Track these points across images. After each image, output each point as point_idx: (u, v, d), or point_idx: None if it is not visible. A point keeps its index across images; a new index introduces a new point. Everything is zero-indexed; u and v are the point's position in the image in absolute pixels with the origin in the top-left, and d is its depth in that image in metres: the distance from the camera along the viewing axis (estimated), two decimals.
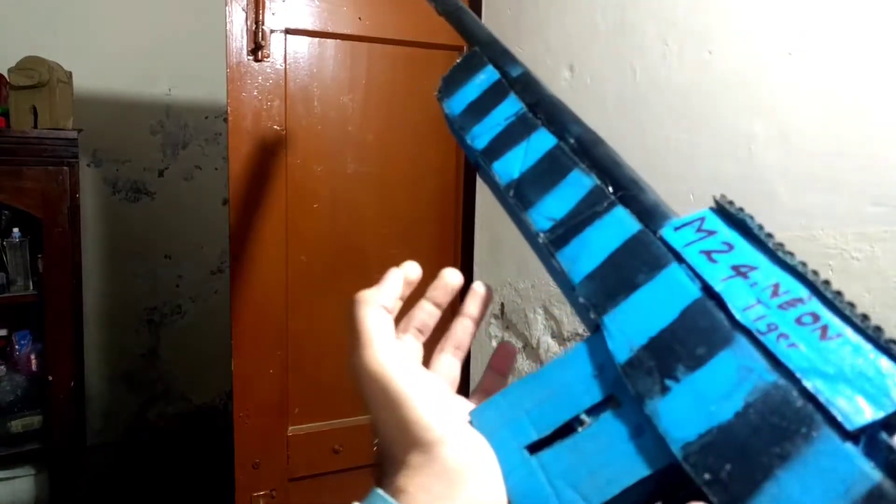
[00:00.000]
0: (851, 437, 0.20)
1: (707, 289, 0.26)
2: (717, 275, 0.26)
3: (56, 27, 1.92)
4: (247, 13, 1.10)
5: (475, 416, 0.30)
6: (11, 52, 1.58)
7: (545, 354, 1.04)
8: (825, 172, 0.58)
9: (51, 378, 1.57)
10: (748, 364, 0.23)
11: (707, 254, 0.27)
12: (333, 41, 1.19)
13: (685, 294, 0.26)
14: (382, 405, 0.30)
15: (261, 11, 1.10)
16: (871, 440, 0.20)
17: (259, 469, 1.21)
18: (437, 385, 0.33)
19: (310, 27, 1.16)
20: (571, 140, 0.35)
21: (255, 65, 1.12)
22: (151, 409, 2.25)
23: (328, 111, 1.20)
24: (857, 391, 0.21)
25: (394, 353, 0.31)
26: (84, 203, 1.79)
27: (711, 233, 0.27)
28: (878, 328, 0.22)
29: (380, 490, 0.27)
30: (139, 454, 2.18)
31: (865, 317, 0.22)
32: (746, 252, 0.26)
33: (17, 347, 1.66)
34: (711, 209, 0.28)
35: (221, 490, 1.41)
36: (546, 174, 0.35)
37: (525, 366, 1.09)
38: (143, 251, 2.17)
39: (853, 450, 0.20)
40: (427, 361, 0.38)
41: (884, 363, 0.21)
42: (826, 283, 0.24)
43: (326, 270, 1.23)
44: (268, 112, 1.14)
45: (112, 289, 2.14)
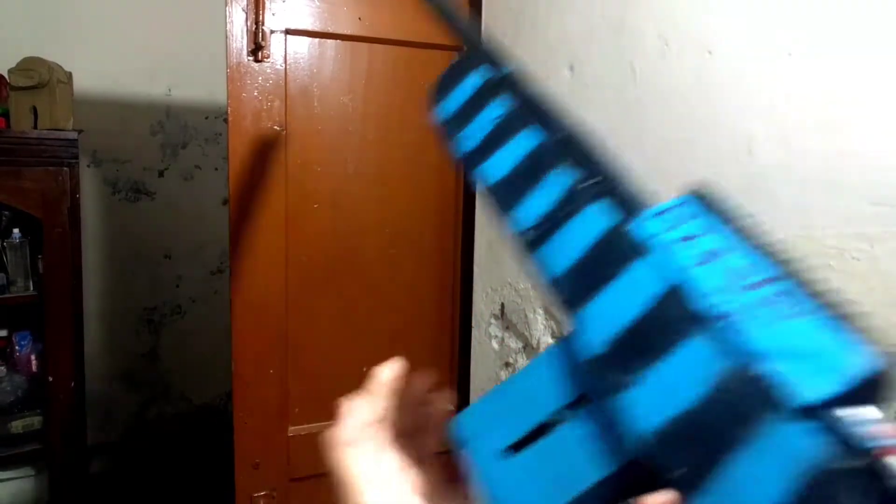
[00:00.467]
0: (806, 415, 0.20)
1: (678, 276, 0.26)
2: (688, 261, 0.26)
3: (56, 28, 1.93)
4: (247, 13, 1.10)
5: (455, 425, 0.31)
6: (11, 53, 1.58)
7: None
8: (825, 172, 0.58)
9: (51, 378, 1.57)
10: (711, 350, 0.23)
11: (680, 241, 0.26)
12: (333, 41, 1.19)
13: (655, 283, 0.26)
14: None
15: (261, 12, 1.10)
16: (825, 416, 0.20)
17: (259, 469, 1.21)
18: None
19: (310, 27, 1.16)
20: (555, 137, 0.35)
21: (256, 65, 1.12)
22: (151, 410, 2.25)
23: (328, 111, 1.20)
24: (812, 369, 0.21)
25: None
26: (84, 203, 1.79)
27: (686, 219, 0.27)
28: (838, 305, 0.22)
29: None
30: (139, 454, 2.19)
31: (826, 294, 0.22)
32: (718, 236, 0.26)
33: (18, 348, 1.66)
34: (687, 195, 0.28)
35: (221, 490, 1.41)
36: (529, 173, 0.34)
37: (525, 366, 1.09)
38: (143, 251, 2.17)
39: (805, 427, 0.20)
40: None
41: (840, 340, 0.21)
42: (790, 263, 0.24)
43: (326, 270, 1.23)
44: (268, 112, 1.14)
45: (112, 289, 2.14)
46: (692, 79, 0.74)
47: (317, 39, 1.18)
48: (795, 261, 0.24)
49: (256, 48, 1.11)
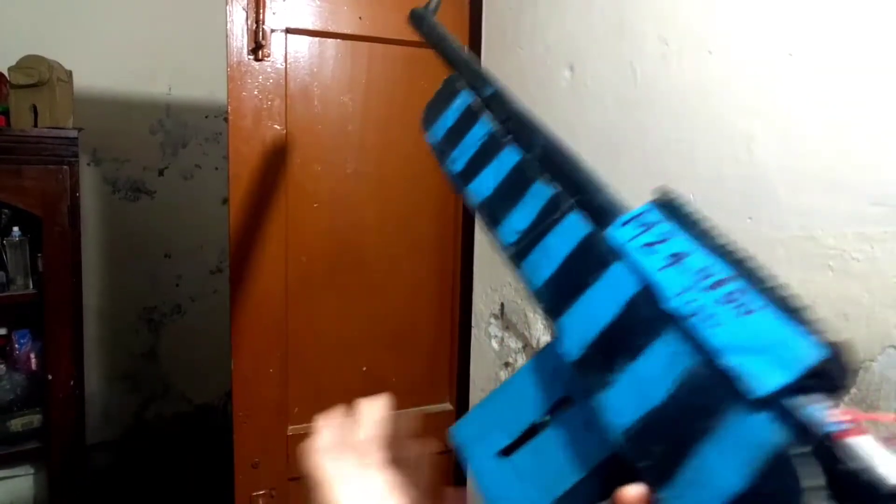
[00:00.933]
0: (764, 405, 0.21)
1: (646, 280, 0.27)
2: (655, 265, 0.27)
3: (56, 26, 1.92)
4: (247, 12, 1.10)
5: (455, 432, 0.33)
6: (12, 51, 1.58)
7: None
8: (825, 172, 0.58)
9: (50, 377, 1.57)
10: (677, 348, 0.25)
11: (648, 246, 0.28)
12: (334, 41, 1.19)
13: (627, 288, 0.28)
14: None
15: (261, 11, 1.10)
16: (782, 405, 0.21)
17: (259, 469, 1.21)
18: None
19: (310, 27, 1.16)
20: (536, 151, 0.37)
21: (256, 64, 1.12)
22: (151, 409, 2.25)
23: (328, 111, 1.20)
24: (769, 360, 0.22)
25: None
26: (84, 202, 1.78)
27: (651, 225, 0.29)
28: (792, 297, 0.23)
29: None
30: (138, 454, 2.18)
31: (782, 288, 0.23)
32: (681, 240, 0.27)
33: (17, 346, 1.66)
34: (652, 202, 0.30)
35: (221, 490, 1.41)
36: (513, 189, 0.37)
37: None
38: (143, 250, 2.17)
39: (763, 417, 0.21)
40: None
41: (796, 330, 0.22)
42: (748, 260, 0.25)
43: (326, 270, 1.23)
44: (268, 111, 1.14)
45: (112, 288, 2.14)
46: (692, 79, 0.74)
47: (317, 39, 1.18)
48: (752, 258, 0.25)
49: (257, 47, 1.11)
